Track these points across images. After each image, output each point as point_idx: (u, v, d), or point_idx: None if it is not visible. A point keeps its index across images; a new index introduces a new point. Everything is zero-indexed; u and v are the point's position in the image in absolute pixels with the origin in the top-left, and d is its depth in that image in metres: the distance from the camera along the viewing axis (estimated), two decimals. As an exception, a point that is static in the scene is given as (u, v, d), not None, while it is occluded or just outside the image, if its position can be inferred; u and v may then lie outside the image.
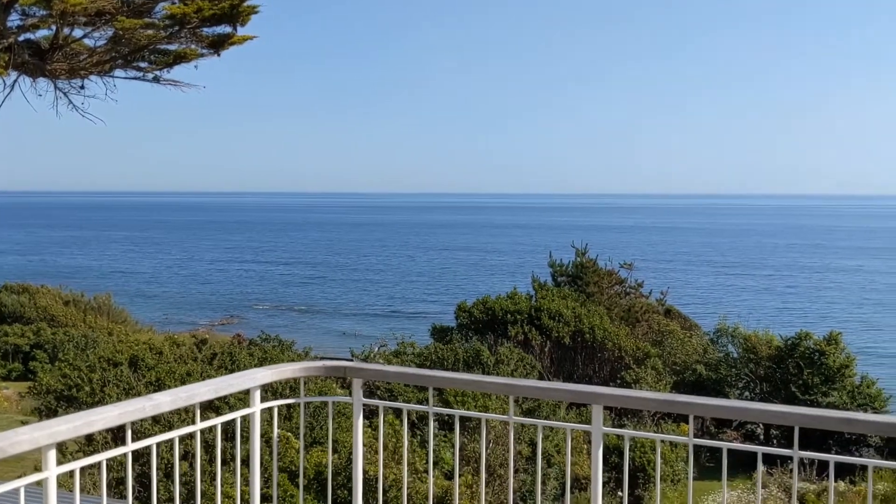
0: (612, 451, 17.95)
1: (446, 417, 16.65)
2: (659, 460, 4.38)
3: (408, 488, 11.77)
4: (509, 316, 26.45)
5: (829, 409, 22.16)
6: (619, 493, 17.41)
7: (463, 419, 15.08)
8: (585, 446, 17.51)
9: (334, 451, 13.97)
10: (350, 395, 4.63)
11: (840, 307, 71.61)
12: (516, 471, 16.24)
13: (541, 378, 23.76)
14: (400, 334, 24.92)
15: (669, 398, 4.37)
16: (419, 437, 16.12)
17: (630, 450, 18.11)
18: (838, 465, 4.68)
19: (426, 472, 13.52)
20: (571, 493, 16.71)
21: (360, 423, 4.55)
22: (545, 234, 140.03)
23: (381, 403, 4.58)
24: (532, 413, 19.29)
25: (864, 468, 19.75)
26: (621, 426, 21.16)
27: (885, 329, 60.85)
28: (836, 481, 19.61)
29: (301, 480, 5.16)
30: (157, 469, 9.09)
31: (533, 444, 17.14)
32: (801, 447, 3.99)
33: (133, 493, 10.39)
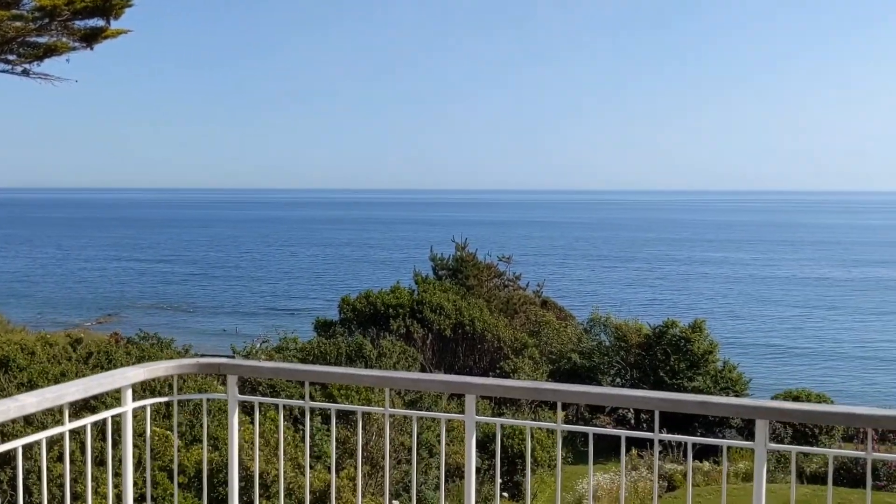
0: (493, 440, 18.24)
1: (329, 411, 16.52)
2: (529, 446, 4.48)
3: (290, 483, 11.64)
4: (391, 310, 26.49)
5: (693, 393, 23.22)
6: (499, 480, 17.71)
7: (346, 412, 15.01)
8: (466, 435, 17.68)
9: (217, 448, 13.69)
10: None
11: (706, 297, 74.90)
12: (399, 462, 16.27)
13: (423, 370, 23.91)
14: (282, 330, 24.56)
15: (538, 386, 4.49)
16: (302, 431, 15.97)
17: (508, 437, 18.43)
18: (706, 446, 4.90)
19: (310, 466, 13.41)
20: (453, 482, 16.87)
21: (235, 419, 4.48)
22: (428, 230, 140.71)
23: (256, 399, 4.53)
24: (415, 405, 19.38)
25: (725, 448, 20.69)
26: (500, 415, 21.52)
27: (747, 318, 64.04)
28: (700, 461, 20.53)
29: (176, 477, 5.05)
30: (31, 472, 8.70)
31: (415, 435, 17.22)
32: (671, 430, 4.16)
33: (6, 499, 9.89)
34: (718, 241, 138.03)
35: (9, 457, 9.24)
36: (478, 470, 16.97)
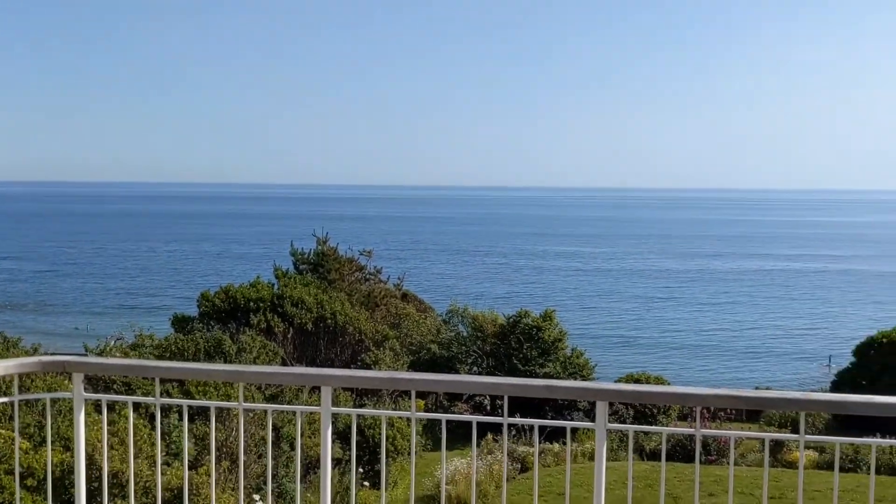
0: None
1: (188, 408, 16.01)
2: (385, 435, 4.48)
3: (147, 482, 11.21)
4: (252, 304, 25.94)
5: (543, 378, 23.79)
6: (360, 470, 17.70)
7: (205, 408, 14.56)
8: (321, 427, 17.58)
9: (68, 448, 13.03)
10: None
11: (558, 288, 77.31)
12: (260, 456, 15.97)
13: (284, 364, 23.55)
14: (139, 327, 23.58)
15: (394, 376, 4.51)
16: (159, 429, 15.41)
17: (370, 427, 18.41)
18: (558, 428, 5.02)
19: (166, 464, 12.97)
20: (315, 473, 16.72)
21: (81, 418, 4.27)
22: (288, 224, 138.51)
23: (103, 397, 4.33)
24: (276, 399, 19.06)
25: (573, 430, 21.43)
26: (362, 406, 21.50)
27: (595, 308, 66.54)
28: (551, 443, 21.15)
29: (17, 479, 4.76)
30: None
31: (276, 429, 16.98)
32: (524, 415, 4.25)
33: None
34: (571, 235, 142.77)
35: None
36: (339, 461, 16.89)
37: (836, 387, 29.78)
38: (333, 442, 17.40)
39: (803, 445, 3.49)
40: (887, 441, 3.45)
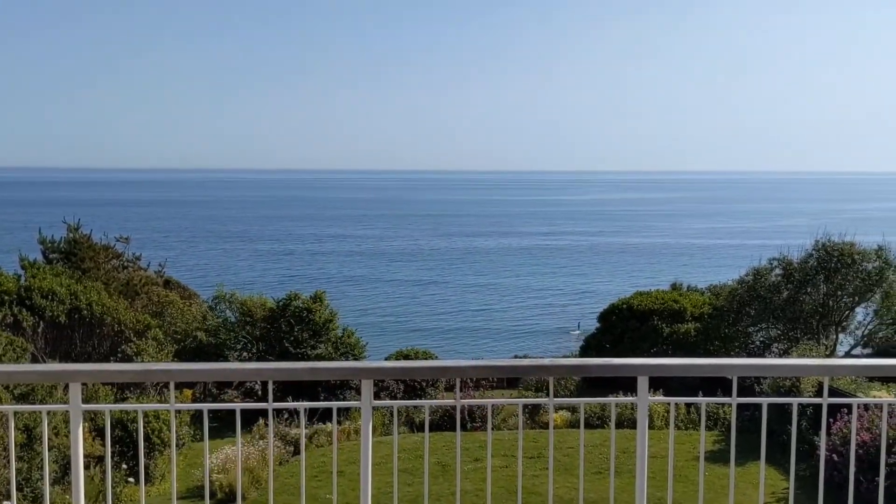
0: (116, 426, 17.15)
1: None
2: (142, 429, 4.22)
3: None
4: (-5, 298, 23.63)
5: (315, 360, 23.74)
6: (124, 466, 16.74)
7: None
8: (87, 424, 16.44)
9: None
10: None
11: (331, 269, 77.13)
12: (20, 458, 14.65)
13: (34, 360, 21.71)
14: None
15: (149, 368, 4.25)
16: None
17: (132, 422, 17.42)
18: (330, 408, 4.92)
19: None
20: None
21: None
22: (36, 211, 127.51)
23: None
24: (27, 398, 17.54)
25: (344, 410, 21.50)
26: (123, 400, 20.33)
27: (368, 288, 67.12)
28: (324, 423, 21.13)
29: None
30: None
31: (28, 430, 15.64)
32: (296, 398, 4.15)
33: None
34: (341, 217, 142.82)
35: None
36: (101, 458, 15.85)
37: (584, 351, 32.15)
38: (94, 438, 16.31)
39: (552, 407, 3.69)
40: (625, 399, 3.74)
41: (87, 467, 16.97)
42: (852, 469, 3.58)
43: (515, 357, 33.15)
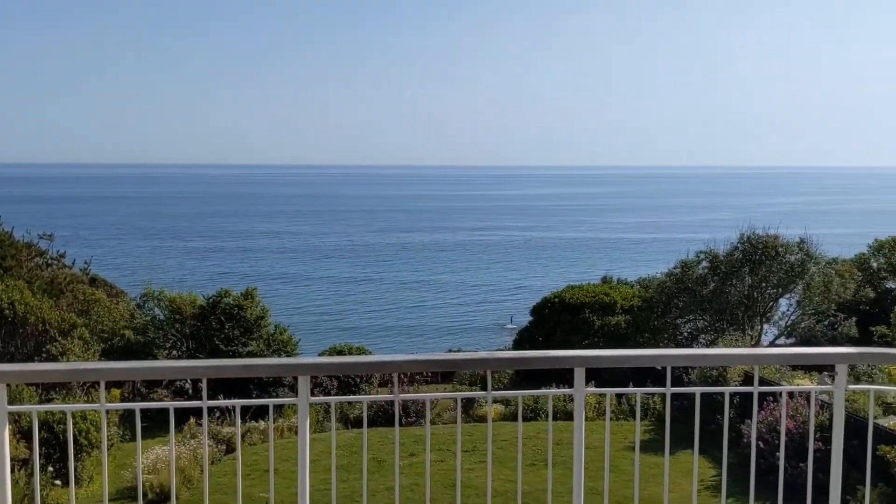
0: (41, 428, 16.65)
1: None
2: (71, 430, 4.09)
3: None
4: None
5: (247, 357, 23.35)
6: (51, 469, 16.25)
7: None
8: (10, 426, 15.93)
9: None
10: None
11: (264, 265, 76.08)
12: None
13: (-47, 362, 20.89)
14: None
15: (77, 367, 4.12)
16: None
17: (59, 423, 16.93)
18: (264, 406, 4.88)
19: None
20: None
21: None
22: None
23: None
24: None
25: (279, 406, 21.26)
26: (49, 401, 19.74)
27: (301, 283, 66.45)
28: (257, 421, 20.87)
29: None
30: None
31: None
32: (227, 395, 4.06)
33: None
34: (273, 213, 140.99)
35: None
36: (26, 461, 15.35)
37: (517, 345, 32.45)
38: (18, 441, 15.75)
39: (491, 400, 3.70)
40: (563, 391, 3.77)
41: (11, 470, 16.45)
42: (783, 456, 3.68)
43: (450, 351, 33.29)
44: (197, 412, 19.98)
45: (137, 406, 4.13)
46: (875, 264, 33.41)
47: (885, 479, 14.40)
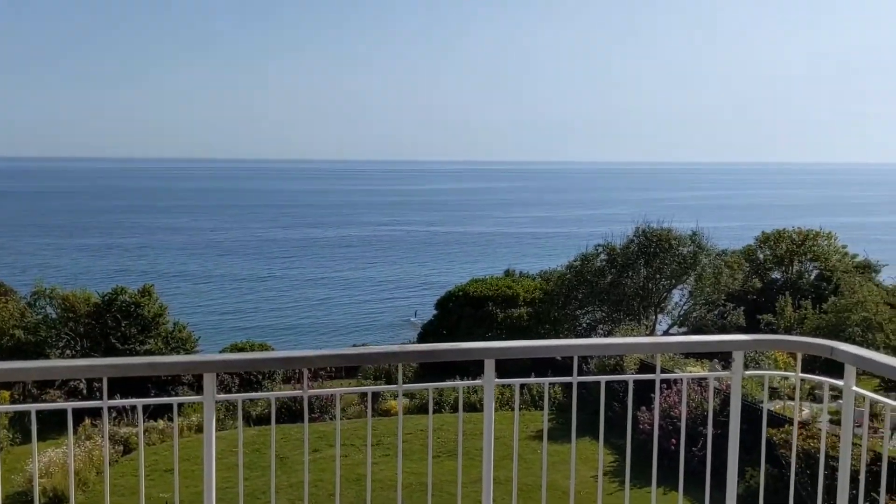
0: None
1: None
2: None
3: None
4: None
5: (145, 356, 22.73)
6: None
7: None
8: None
9: None
10: None
11: (163, 262, 73.77)
12: None
13: None
14: None
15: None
16: None
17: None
18: (162, 406, 4.73)
19: None
20: None
21: None
22: None
23: None
24: None
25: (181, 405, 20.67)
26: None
27: (201, 280, 64.77)
28: (156, 421, 20.30)
29: None
30: None
31: None
32: (124, 395, 3.91)
33: None
34: (173, 208, 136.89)
35: None
36: None
37: (422, 339, 32.54)
38: None
39: (401, 394, 3.69)
40: (473, 382, 3.79)
41: None
42: (683, 440, 3.80)
43: (355, 345, 33.10)
44: (92, 413, 19.30)
45: (33, 407, 3.94)
46: (761, 256, 35.00)
47: (770, 460, 15.11)
